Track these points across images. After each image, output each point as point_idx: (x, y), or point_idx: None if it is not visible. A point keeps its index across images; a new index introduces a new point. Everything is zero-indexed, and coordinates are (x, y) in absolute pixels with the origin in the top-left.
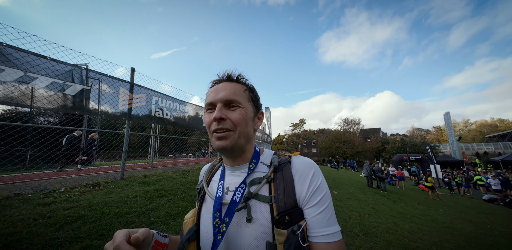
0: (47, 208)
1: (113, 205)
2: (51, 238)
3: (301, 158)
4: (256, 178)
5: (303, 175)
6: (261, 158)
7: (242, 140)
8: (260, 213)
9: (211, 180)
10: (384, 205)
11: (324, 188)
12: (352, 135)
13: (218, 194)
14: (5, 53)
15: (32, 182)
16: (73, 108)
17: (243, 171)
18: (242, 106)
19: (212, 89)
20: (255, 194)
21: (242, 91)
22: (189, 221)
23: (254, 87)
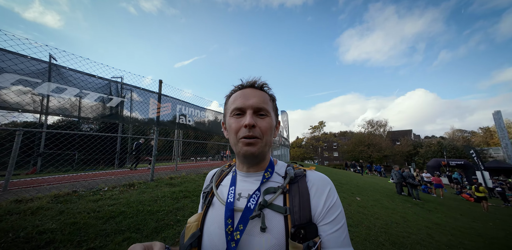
0: (96, 204)
1: (146, 204)
2: (101, 229)
3: (317, 173)
4: (271, 187)
5: (319, 190)
6: (275, 168)
7: (267, 148)
8: (274, 224)
9: (220, 184)
10: (416, 214)
11: (340, 206)
12: (378, 138)
13: (229, 199)
14: (67, 75)
15: (83, 181)
16: (112, 117)
17: (257, 179)
18: (269, 115)
19: (240, 94)
20: (269, 203)
21: (269, 100)
22: (192, 225)
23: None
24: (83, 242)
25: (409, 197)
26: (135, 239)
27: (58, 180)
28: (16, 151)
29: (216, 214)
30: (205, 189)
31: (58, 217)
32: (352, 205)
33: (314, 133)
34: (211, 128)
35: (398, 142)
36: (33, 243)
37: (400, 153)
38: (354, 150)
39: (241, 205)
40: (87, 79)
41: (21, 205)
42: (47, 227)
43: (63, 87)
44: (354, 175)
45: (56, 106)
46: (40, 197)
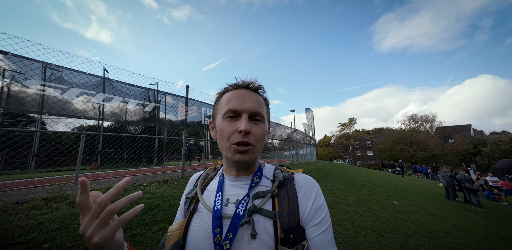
0: (144, 195)
1: (177, 199)
2: (141, 218)
3: (304, 176)
4: (260, 192)
5: (307, 192)
6: (263, 172)
7: (258, 155)
8: (263, 229)
9: (205, 189)
10: (474, 224)
11: (326, 207)
12: (423, 135)
13: (216, 206)
14: (115, 86)
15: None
16: (150, 120)
17: (246, 183)
18: (263, 121)
19: (234, 95)
20: (259, 208)
21: (264, 104)
22: (174, 234)
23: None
24: (128, 229)
25: (466, 204)
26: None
27: (112, 175)
28: (81, 151)
29: (202, 222)
30: (188, 194)
31: None
32: (387, 209)
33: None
34: None
35: (452, 139)
36: None
37: (455, 152)
38: (392, 149)
39: (229, 212)
40: (130, 88)
41: None
42: None
43: (111, 96)
44: (392, 177)
45: (109, 112)
46: (98, 189)
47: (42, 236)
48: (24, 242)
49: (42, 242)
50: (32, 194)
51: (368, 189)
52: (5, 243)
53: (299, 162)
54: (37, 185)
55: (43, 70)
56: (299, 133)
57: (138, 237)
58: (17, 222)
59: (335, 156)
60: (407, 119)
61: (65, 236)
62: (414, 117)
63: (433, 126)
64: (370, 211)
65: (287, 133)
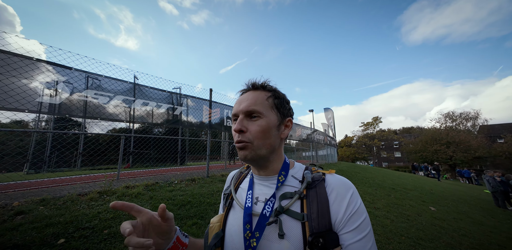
0: (171, 194)
1: (205, 196)
2: (176, 213)
3: (337, 177)
4: (287, 192)
5: (340, 195)
6: (291, 172)
7: (264, 150)
8: (291, 230)
9: (239, 186)
10: None
11: (364, 212)
12: (463, 134)
13: (247, 204)
14: (147, 92)
15: (160, 175)
16: (174, 123)
17: (272, 183)
18: (263, 116)
19: (237, 100)
20: (286, 209)
21: (265, 99)
22: (215, 226)
23: (283, 92)
24: None
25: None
26: (200, 224)
27: (145, 173)
28: (121, 152)
29: (236, 217)
30: (225, 190)
31: (150, 201)
32: (423, 215)
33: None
34: None
35: (502, 139)
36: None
37: (506, 154)
38: (425, 150)
39: (259, 210)
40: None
41: (129, 190)
42: (145, 208)
43: (147, 102)
44: (426, 180)
45: (139, 116)
46: (137, 185)
47: (102, 224)
48: (90, 227)
49: (102, 228)
50: (88, 188)
51: (398, 193)
52: (78, 226)
53: (319, 163)
54: (90, 181)
55: (86, 79)
56: (318, 133)
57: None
58: (82, 211)
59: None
60: (443, 117)
61: (118, 225)
62: (452, 115)
63: (476, 125)
64: (403, 216)
65: (306, 133)
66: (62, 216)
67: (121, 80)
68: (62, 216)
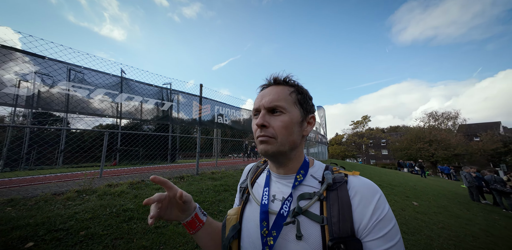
0: (157, 192)
1: (194, 194)
2: None
3: (362, 179)
4: (306, 193)
5: (364, 199)
6: (310, 171)
7: (286, 147)
8: (310, 233)
9: (255, 181)
10: (507, 229)
11: (392, 219)
12: (444, 133)
13: (263, 201)
14: (134, 86)
15: (147, 173)
16: (164, 119)
17: (290, 181)
18: (286, 112)
19: (259, 95)
20: (304, 210)
21: (288, 94)
22: (232, 218)
23: (305, 88)
24: None
25: (496, 207)
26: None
27: (131, 171)
28: (105, 148)
29: (252, 212)
30: (241, 183)
31: (134, 199)
32: (406, 210)
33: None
34: (246, 126)
35: (478, 137)
36: (121, 217)
37: (481, 152)
38: (409, 148)
39: (275, 208)
40: (146, 88)
41: (111, 188)
42: (128, 207)
43: (132, 96)
44: (410, 177)
45: (127, 111)
46: (121, 184)
47: (78, 225)
48: (64, 229)
49: (79, 230)
50: (65, 187)
51: (384, 189)
52: (50, 228)
53: None
54: (68, 179)
55: (68, 72)
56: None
57: (161, 229)
58: (57, 211)
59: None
60: (427, 116)
61: (97, 225)
62: (435, 114)
63: (456, 124)
64: None
65: None
66: (33, 217)
67: (105, 72)
68: (32, 218)
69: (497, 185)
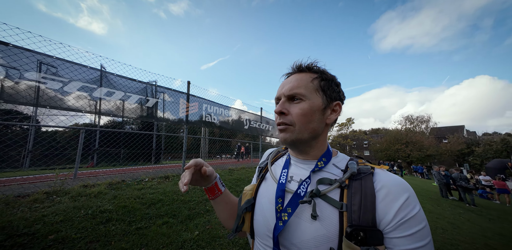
0: (139, 192)
1: (179, 194)
2: (145, 213)
3: (391, 174)
4: (326, 178)
5: (391, 195)
6: (333, 160)
7: (306, 135)
8: (326, 215)
9: (274, 163)
10: (470, 221)
11: (423, 220)
12: (418, 135)
13: (281, 180)
14: (115, 80)
15: (129, 173)
16: (148, 117)
17: (310, 166)
18: (305, 99)
19: (281, 83)
20: (323, 194)
21: (309, 81)
22: (248, 193)
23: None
24: (133, 222)
25: (461, 202)
26: (172, 223)
27: (111, 172)
28: (81, 146)
29: (268, 189)
30: (261, 164)
31: (113, 200)
32: None
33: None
34: (234, 126)
35: (446, 140)
36: (97, 219)
37: (449, 153)
38: (388, 149)
39: (292, 187)
40: (129, 83)
41: (87, 189)
42: (106, 208)
43: (112, 91)
44: None
45: (106, 108)
46: (99, 184)
47: (47, 228)
48: (30, 233)
49: (47, 234)
50: (32, 189)
51: None
52: (11, 234)
53: None
54: (36, 181)
55: (39, 64)
56: None
57: (143, 230)
58: (20, 215)
59: None
60: (403, 119)
61: (69, 228)
62: (410, 118)
63: (428, 127)
64: None
65: None
66: None
67: (81, 64)
68: None
69: (462, 182)
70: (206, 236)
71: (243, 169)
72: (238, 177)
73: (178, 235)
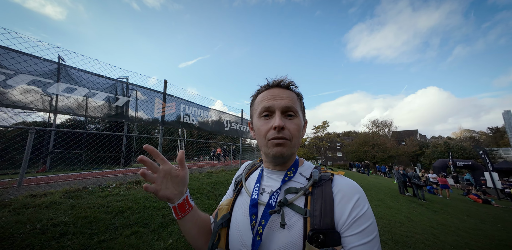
0: (104, 200)
1: (152, 200)
2: (110, 223)
3: (345, 179)
4: (292, 187)
5: (346, 197)
6: (300, 169)
7: (295, 149)
8: (293, 223)
9: (249, 176)
10: (421, 215)
11: (371, 217)
12: (383, 138)
13: (253, 195)
14: (77, 76)
15: (92, 178)
16: (118, 116)
17: (280, 177)
18: (297, 116)
19: (267, 94)
20: (290, 203)
21: (296, 99)
22: (224, 208)
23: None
24: (94, 234)
25: (414, 198)
26: (142, 233)
27: (69, 178)
28: (29, 149)
29: (243, 203)
30: (237, 178)
31: (70, 211)
32: None
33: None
34: (214, 127)
35: (404, 142)
36: (49, 234)
37: (406, 154)
38: (358, 150)
39: (264, 199)
40: (95, 79)
41: (36, 199)
42: (61, 220)
43: (73, 87)
44: (358, 175)
45: (65, 106)
46: (52, 192)
47: None
48: None
49: None
50: None
51: None
52: None
53: None
54: None
55: None
56: None
57: (107, 243)
58: None
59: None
60: (371, 123)
61: (7, 248)
62: (376, 122)
63: (390, 130)
64: None
65: None
66: None
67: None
68: None
69: (415, 180)
70: (181, 245)
71: (222, 171)
72: (217, 180)
73: (149, 246)
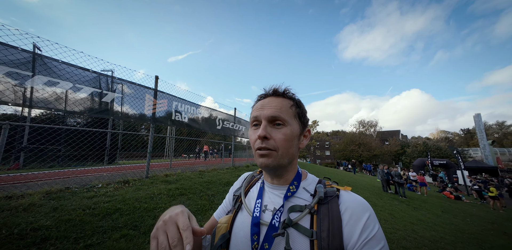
0: (90, 201)
1: (142, 201)
2: (97, 226)
3: (353, 195)
4: (297, 205)
5: (355, 216)
6: (303, 183)
7: (286, 160)
8: (298, 246)
9: (249, 190)
10: (402, 211)
11: (382, 238)
12: (368, 138)
13: (255, 213)
14: (60, 68)
15: (75, 177)
16: (105, 113)
17: (282, 192)
18: (287, 125)
19: (258, 104)
20: (294, 223)
21: (289, 107)
22: (222, 227)
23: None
24: (80, 239)
25: (396, 195)
26: (132, 236)
27: (48, 176)
28: (2, 145)
29: (243, 221)
30: (235, 191)
31: (52, 213)
32: None
33: None
34: (204, 125)
35: (387, 142)
36: (28, 239)
37: (389, 153)
38: (345, 149)
39: (266, 218)
40: (80, 73)
41: (12, 201)
42: (42, 224)
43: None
44: (345, 174)
45: (40, 98)
46: (31, 194)
47: None
48: None
49: None
50: None
51: None
52: None
53: None
54: None
55: None
56: None
57: (94, 247)
58: None
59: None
60: (358, 123)
61: None
62: (363, 122)
63: (376, 130)
64: None
65: None
66: None
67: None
68: None
69: (396, 178)
70: None
71: (214, 170)
72: (209, 179)
73: (140, 249)
